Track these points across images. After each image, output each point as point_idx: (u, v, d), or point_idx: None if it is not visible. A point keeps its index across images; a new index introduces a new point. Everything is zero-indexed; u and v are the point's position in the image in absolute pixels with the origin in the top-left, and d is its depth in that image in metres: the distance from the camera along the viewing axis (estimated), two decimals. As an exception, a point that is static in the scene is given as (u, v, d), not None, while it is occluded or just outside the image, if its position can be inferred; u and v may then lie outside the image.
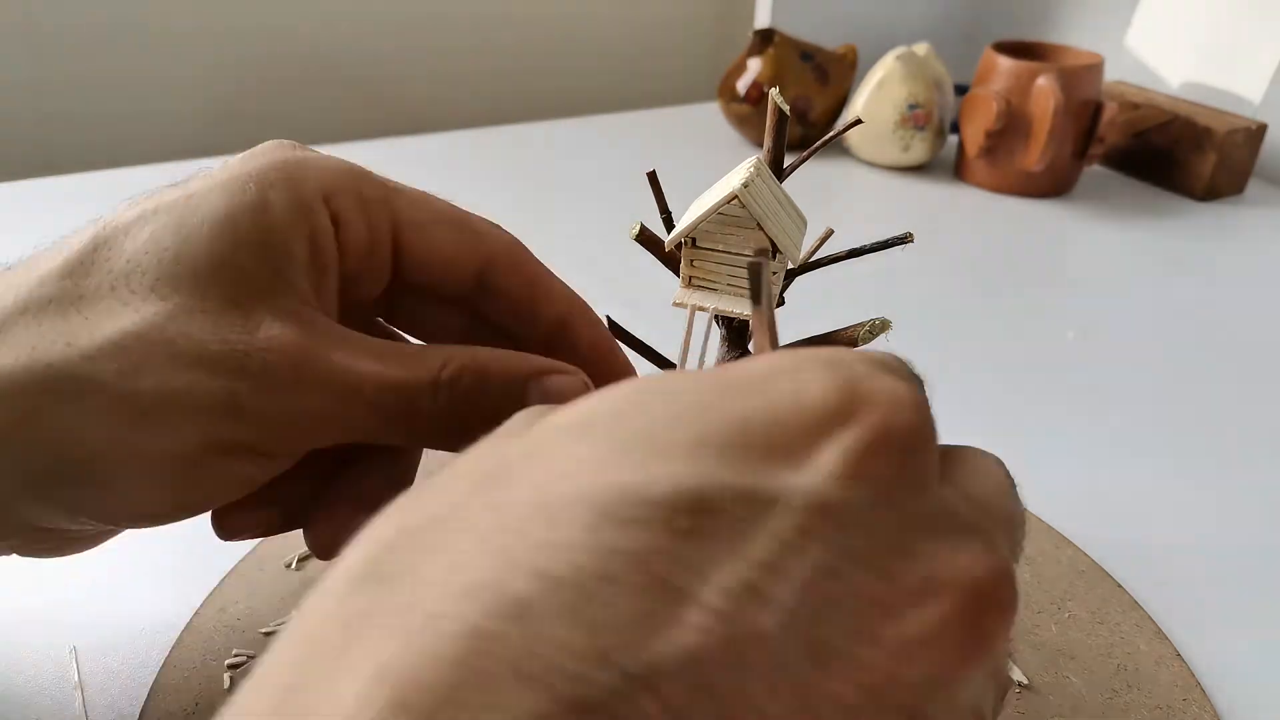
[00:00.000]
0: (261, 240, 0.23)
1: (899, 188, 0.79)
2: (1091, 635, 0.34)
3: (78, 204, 0.69)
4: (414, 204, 0.26)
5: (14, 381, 0.21)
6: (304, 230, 0.24)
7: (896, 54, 0.77)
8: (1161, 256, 0.69)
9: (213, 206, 0.23)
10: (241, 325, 0.22)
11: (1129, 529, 0.41)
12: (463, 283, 0.27)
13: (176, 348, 0.22)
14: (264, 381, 0.22)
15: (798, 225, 0.29)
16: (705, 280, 0.28)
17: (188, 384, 0.22)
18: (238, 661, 0.31)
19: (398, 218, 0.26)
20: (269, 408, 0.22)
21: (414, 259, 0.26)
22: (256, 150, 0.25)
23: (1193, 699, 0.32)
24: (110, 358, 0.21)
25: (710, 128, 0.89)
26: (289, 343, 0.22)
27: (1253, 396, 0.52)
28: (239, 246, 0.23)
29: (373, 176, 0.26)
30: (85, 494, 0.23)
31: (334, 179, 0.25)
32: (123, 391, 0.21)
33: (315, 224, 0.24)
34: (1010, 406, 0.50)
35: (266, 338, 0.22)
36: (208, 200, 0.23)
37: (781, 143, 0.29)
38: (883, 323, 0.28)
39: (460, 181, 0.75)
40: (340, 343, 0.23)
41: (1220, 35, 0.84)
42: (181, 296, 0.22)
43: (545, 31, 1.07)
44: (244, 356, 0.22)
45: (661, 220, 0.31)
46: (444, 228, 0.26)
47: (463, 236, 0.27)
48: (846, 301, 0.58)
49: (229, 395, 0.22)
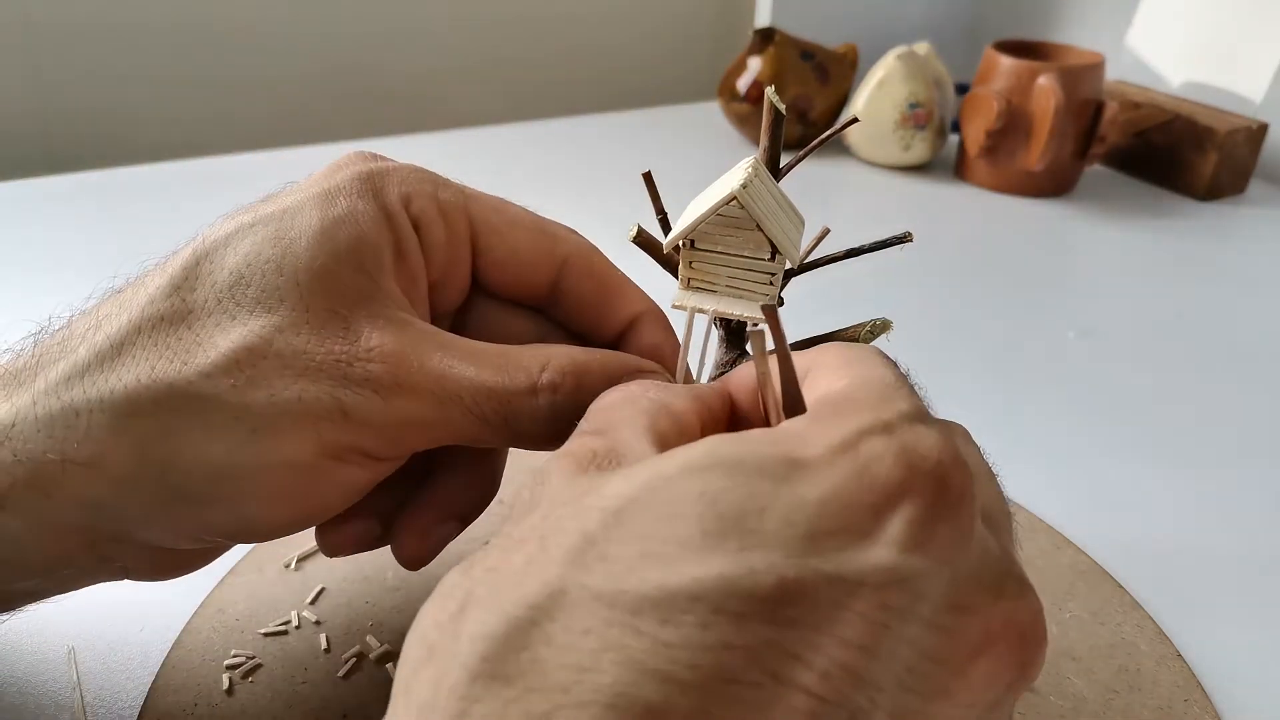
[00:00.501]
0: (355, 250, 0.24)
1: (899, 187, 0.79)
2: (1092, 636, 0.34)
3: (79, 204, 0.69)
4: (490, 208, 0.27)
5: (139, 403, 0.22)
6: (390, 238, 0.25)
7: (897, 53, 0.77)
8: (1162, 256, 0.69)
9: (308, 220, 0.24)
10: (343, 335, 0.23)
11: (1129, 529, 0.41)
12: (538, 286, 0.28)
13: (285, 360, 0.22)
14: (369, 388, 0.23)
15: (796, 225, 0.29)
16: (704, 282, 0.28)
17: (298, 394, 0.22)
18: (236, 662, 0.31)
19: (475, 221, 0.27)
20: (375, 413, 0.23)
21: (492, 262, 0.27)
22: (340, 162, 0.26)
23: (1194, 700, 0.32)
24: (225, 373, 0.22)
25: (710, 127, 0.89)
26: (389, 350, 0.23)
27: (1253, 396, 0.52)
28: (336, 258, 0.23)
29: (449, 182, 0.27)
30: (210, 512, 0.23)
31: (413, 185, 0.26)
32: (239, 407, 0.22)
33: (399, 230, 0.25)
34: (1010, 406, 0.50)
35: (368, 347, 0.23)
36: (303, 214, 0.24)
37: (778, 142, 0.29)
38: (883, 323, 0.28)
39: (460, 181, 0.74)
40: (438, 347, 0.24)
41: (1221, 35, 0.84)
42: (286, 309, 0.23)
43: (545, 31, 1.07)
44: (348, 365, 0.23)
45: (658, 221, 0.31)
46: (521, 231, 0.27)
47: (539, 239, 0.27)
48: (847, 301, 0.58)
49: (336, 403, 0.22)
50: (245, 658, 0.31)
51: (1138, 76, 0.89)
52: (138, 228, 0.64)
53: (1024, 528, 0.39)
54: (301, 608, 0.33)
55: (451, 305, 0.28)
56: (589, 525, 0.16)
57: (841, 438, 0.17)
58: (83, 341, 0.23)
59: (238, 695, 0.30)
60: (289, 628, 0.33)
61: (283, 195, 0.25)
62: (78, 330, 0.24)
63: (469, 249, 0.27)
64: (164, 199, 0.70)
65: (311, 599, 0.34)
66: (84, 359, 0.23)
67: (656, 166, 0.29)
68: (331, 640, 0.32)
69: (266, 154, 0.77)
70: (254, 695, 0.30)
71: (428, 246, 0.26)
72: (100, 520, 0.23)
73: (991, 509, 0.19)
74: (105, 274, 0.28)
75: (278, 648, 0.32)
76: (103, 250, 0.61)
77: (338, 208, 0.24)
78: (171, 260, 0.25)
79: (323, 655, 0.32)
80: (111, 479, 0.22)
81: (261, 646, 0.32)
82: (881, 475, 0.16)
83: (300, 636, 0.32)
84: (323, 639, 0.32)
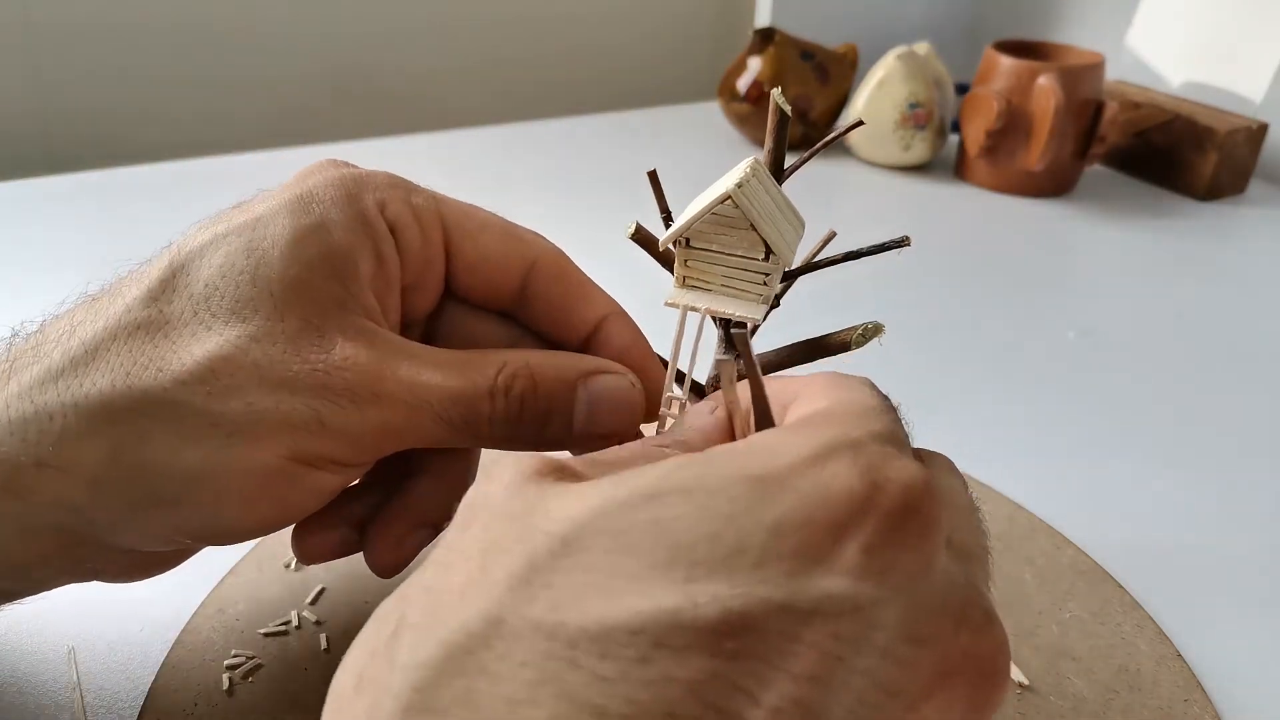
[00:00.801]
0: (328, 259, 0.24)
1: (899, 187, 0.79)
2: (1092, 636, 0.34)
3: (79, 204, 0.69)
4: (462, 212, 0.27)
5: (114, 408, 0.22)
6: (367, 245, 0.25)
7: (897, 53, 0.77)
8: (1162, 256, 0.69)
9: (280, 228, 0.24)
10: (318, 344, 0.23)
11: (1130, 529, 0.41)
12: (508, 289, 0.28)
13: (261, 370, 0.23)
14: (345, 399, 0.23)
15: (794, 227, 0.29)
16: (699, 280, 0.28)
17: (274, 404, 0.23)
18: (236, 662, 0.31)
19: (448, 224, 0.27)
20: (351, 423, 0.23)
21: (464, 266, 0.27)
22: (311, 169, 0.26)
23: (1194, 699, 0.32)
24: (200, 381, 0.22)
25: (710, 127, 0.89)
26: (363, 361, 0.23)
27: (1253, 396, 0.52)
28: (309, 267, 0.24)
29: (420, 187, 0.27)
30: (182, 515, 0.23)
31: (386, 190, 0.26)
32: (214, 414, 0.22)
33: (377, 236, 0.25)
34: (1010, 406, 0.50)
35: (343, 357, 0.23)
36: (275, 222, 0.24)
37: (782, 144, 0.29)
38: (875, 327, 0.28)
39: (460, 181, 0.75)
40: (407, 356, 0.24)
41: (1221, 34, 0.84)
42: (260, 318, 0.23)
43: (545, 31, 1.07)
44: (324, 375, 0.23)
45: (661, 220, 0.31)
46: (491, 234, 0.27)
47: (509, 243, 0.28)
48: (847, 302, 0.58)
49: (314, 413, 0.23)
50: (245, 658, 0.31)
51: (1138, 76, 0.89)
52: (138, 228, 0.64)
53: (1024, 528, 0.39)
54: (301, 608, 0.33)
55: (424, 310, 0.28)
56: (534, 550, 0.15)
57: (810, 449, 0.16)
58: (57, 345, 0.23)
59: (238, 695, 0.30)
60: (289, 628, 0.33)
61: (255, 203, 0.25)
62: (51, 335, 0.24)
63: (443, 253, 0.27)
64: (164, 199, 0.70)
65: (311, 599, 0.34)
66: (58, 363, 0.23)
67: (657, 166, 0.30)
68: (331, 640, 0.32)
69: (266, 154, 0.77)
70: (254, 695, 0.30)
71: (403, 251, 0.26)
72: (74, 522, 0.23)
73: (967, 543, 0.19)
74: (105, 274, 0.28)
75: (278, 648, 0.32)
76: (103, 250, 0.61)
77: (311, 215, 0.24)
78: (148, 270, 0.25)
79: (323, 655, 0.32)
80: (85, 482, 0.22)
81: (261, 646, 0.32)
82: (843, 493, 0.16)
83: (300, 636, 0.32)
84: (323, 639, 0.32)
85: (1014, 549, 0.38)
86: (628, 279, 0.35)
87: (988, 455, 0.44)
